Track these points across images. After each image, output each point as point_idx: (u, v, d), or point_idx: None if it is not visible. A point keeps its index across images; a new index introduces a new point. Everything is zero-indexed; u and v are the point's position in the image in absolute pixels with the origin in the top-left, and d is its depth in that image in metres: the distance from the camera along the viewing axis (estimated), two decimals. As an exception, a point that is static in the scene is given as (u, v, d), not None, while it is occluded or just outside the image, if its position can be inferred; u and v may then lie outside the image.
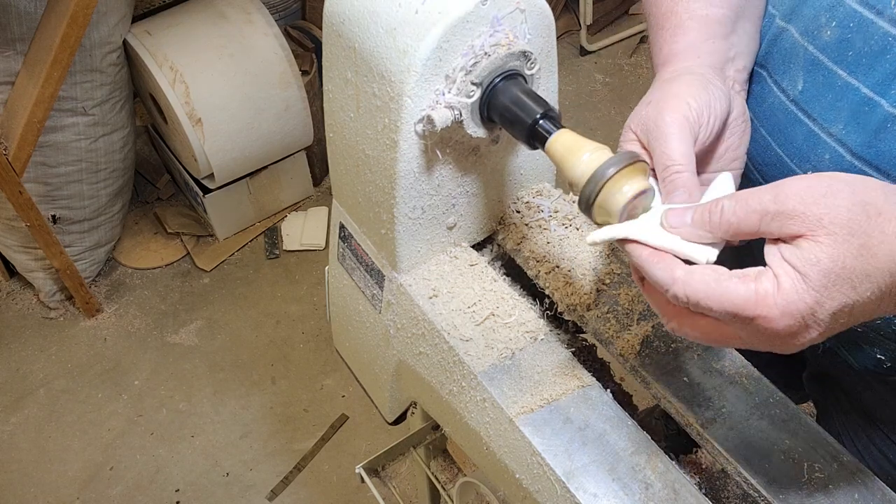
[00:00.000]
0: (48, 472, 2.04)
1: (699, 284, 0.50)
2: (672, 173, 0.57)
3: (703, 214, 0.52)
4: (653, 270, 0.52)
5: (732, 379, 0.70)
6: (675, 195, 0.57)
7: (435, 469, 1.13)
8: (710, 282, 0.49)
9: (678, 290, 0.50)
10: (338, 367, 2.21)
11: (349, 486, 1.97)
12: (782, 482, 0.63)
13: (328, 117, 0.79)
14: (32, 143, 1.89)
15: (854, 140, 0.65)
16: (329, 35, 0.73)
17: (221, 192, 2.40)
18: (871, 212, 0.47)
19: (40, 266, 2.27)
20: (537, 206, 0.83)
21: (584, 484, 0.64)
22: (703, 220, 0.52)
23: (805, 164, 0.70)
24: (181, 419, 2.13)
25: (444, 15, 0.63)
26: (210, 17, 2.24)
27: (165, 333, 2.33)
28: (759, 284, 0.48)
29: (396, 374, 0.91)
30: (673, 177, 0.57)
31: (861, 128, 0.64)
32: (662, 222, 0.54)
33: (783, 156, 0.72)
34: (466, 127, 0.68)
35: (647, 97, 0.64)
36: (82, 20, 1.73)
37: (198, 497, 1.98)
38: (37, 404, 2.18)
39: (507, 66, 0.66)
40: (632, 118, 0.64)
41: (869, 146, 0.64)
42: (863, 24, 0.62)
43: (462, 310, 0.77)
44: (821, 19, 0.66)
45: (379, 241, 0.81)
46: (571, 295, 0.76)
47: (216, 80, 2.19)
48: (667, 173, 0.58)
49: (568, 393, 0.70)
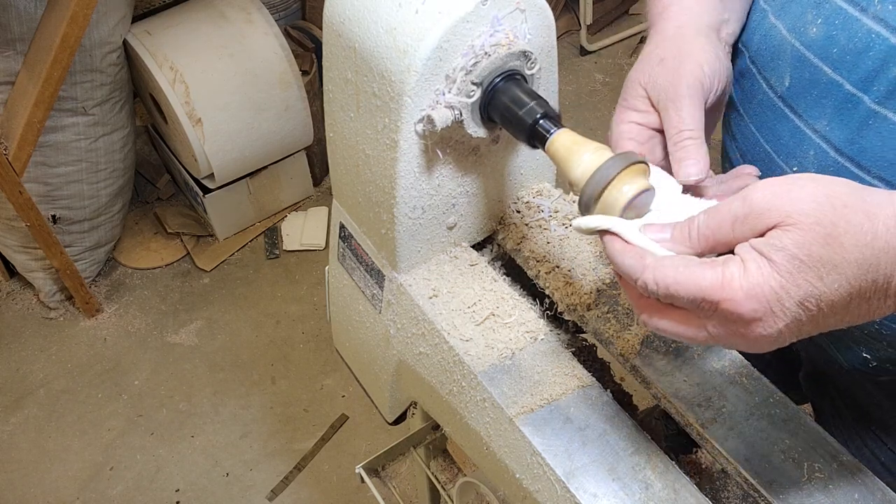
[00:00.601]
0: (48, 472, 2.04)
1: (668, 269, 0.50)
2: (686, 138, 0.58)
3: (682, 231, 0.52)
4: (623, 259, 0.53)
5: (732, 379, 0.70)
6: (687, 164, 0.58)
7: (435, 469, 1.13)
8: (678, 266, 0.50)
9: (648, 276, 0.51)
10: (338, 367, 2.21)
11: (349, 486, 1.97)
12: (782, 482, 0.63)
13: (328, 117, 0.79)
14: (32, 143, 1.89)
15: (838, 136, 0.65)
16: (329, 35, 0.73)
17: (221, 192, 2.40)
18: (836, 203, 0.47)
19: (40, 266, 2.27)
20: (537, 206, 0.83)
21: (584, 484, 0.64)
22: (683, 236, 0.52)
23: (791, 161, 0.70)
24: (181, 419, 2.13)
25: (444, 15, 0.63)
26: (210, 17, 2.24)
27: (165, 333, 2.33)
28: (725, 268, 0.48)
29: (396, 374, 0.91)
30: (686, 143, 0.58)
31: (844, 124, 0.64)
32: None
33: (770, 152, 0.73)
34: (466, 127, 0.68)
35: (655, 51, 0.65)
36: (82, 20, 1.73)
37: (198, 497, 1.98)
38: (37, 404, 2.18)
39: (508, 66, 0.66)
40: (640, 72, 0.64)
41: (852, 143, 0.64)
42: (847, 21, 0.63)
43: (462, 310, 0.77)
44: (807, 16, 0.66)
45: (379, 241, 0.81)
46: (571, 295, 0.76)
47: (216, 80, 2.18)
48: (680, 138, 0.58)
49: (568, 393, 0.70)
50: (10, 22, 1.90)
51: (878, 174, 0.64)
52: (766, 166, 0.73)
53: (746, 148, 0.77)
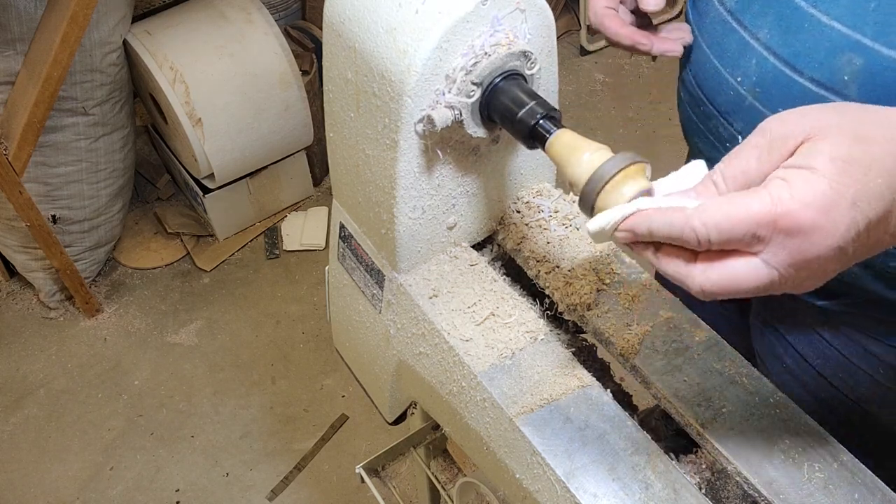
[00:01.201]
0: (48, 472, 2.04)
1: (713, 209, 0.48)
2: None
3: (706, 185, 0.51)
4: (662, 220, 0.51)
5: (732, 379, 0.70)
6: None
7: (435, 469, 1.13)
8: (722, 204, 0.48)
9: (695, 222, 0.48)
10: (338, 367, 2.21)
11: (349, 486, 1.98)
12: (782, 482, 0.63)
13: (328, 117, 0.79)
14: (32, 143, 1.89)
15: (777, 42, 0.71)
16: (329, 35, 0.73)
17: (221, 192, 2.40)
18: (849, 109, 0.48)
19: (40, 266, 2.27)
20: (537, 206, 0.83)
21: (584, 484, 0.64)
22: (709, 189, 0.51)
23: (736, 71, 0.76)
24: (181, 419, 2.13)
25: (444, 15, 0.63)
26: (210, 17, 2.24)
27: (165, 333, 2.33)
28: (771, 190, 0.47)
29: (396, 374, 0.91)
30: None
31: (783, 30, 0.71)
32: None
33: (719, 66, 0.78)
34: (466, 127, 0.68)
35: None
36: (82, 20, 1.73)
37: (198, 497, 1.98)
38: (37, 404, 2.18)
39: (508, 66, 0.66)
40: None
41: (788, 46, 0.70)
42: None
43: (462, 310, 0.77)
44: None
45: (379, 241, 0.81)
46: (571, 295, 0.76)
47: (216, 80, 2.18)
48: None
49: (568, 393, 0.70)
50: (10, 22, 1.90)
51: (810, 76, 0.69)
52: (715, 82, 0.79)
53: (697, 68, 0.83)
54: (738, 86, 0.76)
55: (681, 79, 0.89)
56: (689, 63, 0.85)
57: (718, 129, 0.81)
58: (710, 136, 0.83)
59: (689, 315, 0.75)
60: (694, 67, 0.83)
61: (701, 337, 0.73)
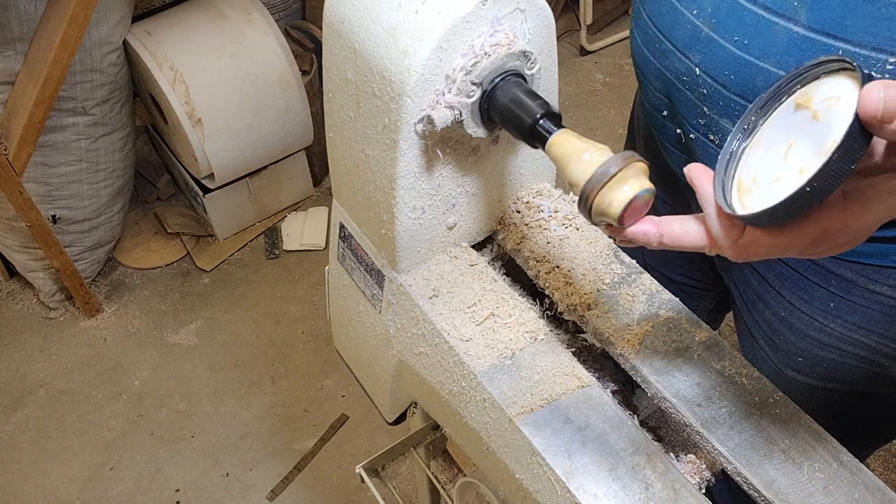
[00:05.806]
0: (48, 472, 2.04)
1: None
2: None
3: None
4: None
5: (732, 379, 0.70)
6: None
7: (435, 469, 1.13)
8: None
9: None
10: (338, 367, 2.21)
11: (349, 486, 1.98)
12: (782, 482, 0.63)
13: (328, 117, 0.79)
14: (32, 143, 1.89)
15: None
16: (329, 35, 0.73)
17: (221, 192, 2.40)
18: None
19: (40, 266, 2.27)
20: (537, 206, 0.83)
21: (584, 484, 0.64)
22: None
23: (692, 6, 0.78)
24: (181, 419, 2.13)
25: (444, 15, 0.63)
26: (210, 17, 2.24)
27: (165, 333, 2.33)
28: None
29: (396, 374, 0.91)
30: None
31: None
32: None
33: (674, 2, 0.81)
34: (466, 127, 0.68)
35: None
36: (82, 20, 1.73)
37: (198, 497, 1.98)
38: (37, 404, 2.18)
39: (507, 66, 0.66)
40: None
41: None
42: None
43: (462, 310, 0.77)
44: None
45: (379, 241, 0.81)
46: (571, 295, 0.76)
47: (216, 80, 2.18)
48: None
49: (568, 393, 0.70)
50: (10, 22, 1.90)
51: (763, 4, 0.70)
52: (670, 17, 0.82)
53: (653, 7, 0.85)
54: (695, 18, 0.78)
55: (634, 22, 0.92)
56: (643, 4, 0.88)
57: (676, 64, 0.83)
58: (667, 72, 0.86)
59: (689, 315, 0.75)
60: (649, 6, 0.86)
61: (701, 337, 0.73)
